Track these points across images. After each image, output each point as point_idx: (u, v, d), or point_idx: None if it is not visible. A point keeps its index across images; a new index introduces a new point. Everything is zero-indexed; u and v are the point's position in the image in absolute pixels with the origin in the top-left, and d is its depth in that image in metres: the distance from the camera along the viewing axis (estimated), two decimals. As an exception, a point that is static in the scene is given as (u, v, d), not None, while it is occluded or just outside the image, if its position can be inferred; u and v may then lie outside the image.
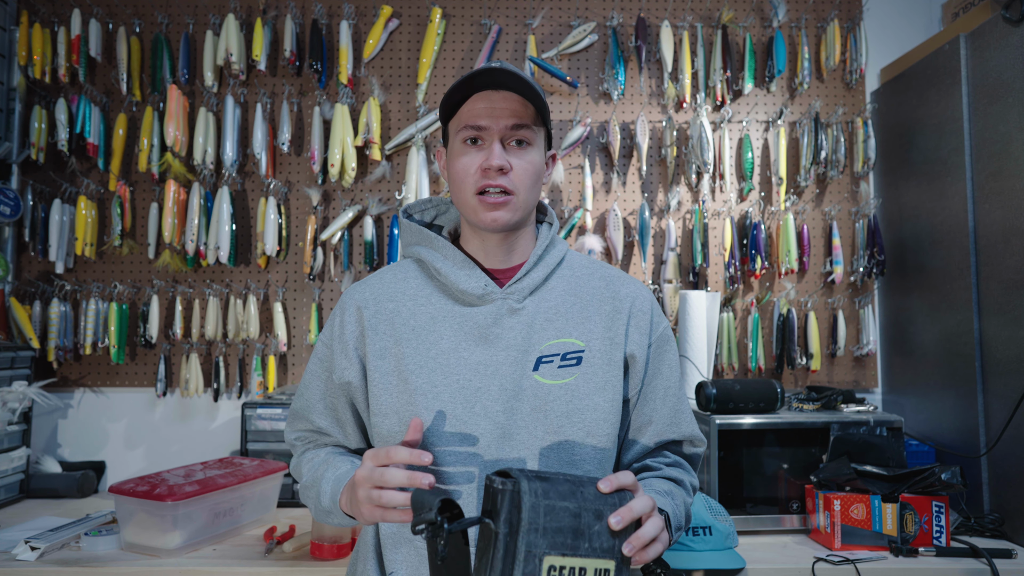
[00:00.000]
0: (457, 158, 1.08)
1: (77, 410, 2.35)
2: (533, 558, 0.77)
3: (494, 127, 1.04)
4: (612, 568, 0.81)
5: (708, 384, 1.87)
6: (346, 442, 1.16)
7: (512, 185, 1.05)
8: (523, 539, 0.77)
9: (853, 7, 2.44)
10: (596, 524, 0.80)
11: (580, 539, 0.79)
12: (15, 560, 1.56)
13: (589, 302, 1.12)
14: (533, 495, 0.78)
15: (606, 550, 0.80)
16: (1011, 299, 1.77)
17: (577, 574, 0.78)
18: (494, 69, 1.02)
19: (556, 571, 0.77)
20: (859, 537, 1.66)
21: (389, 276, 1.16)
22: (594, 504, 0.82)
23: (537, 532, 0.77)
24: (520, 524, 0.77)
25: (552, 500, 0.79)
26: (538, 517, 0.78)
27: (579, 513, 0.80)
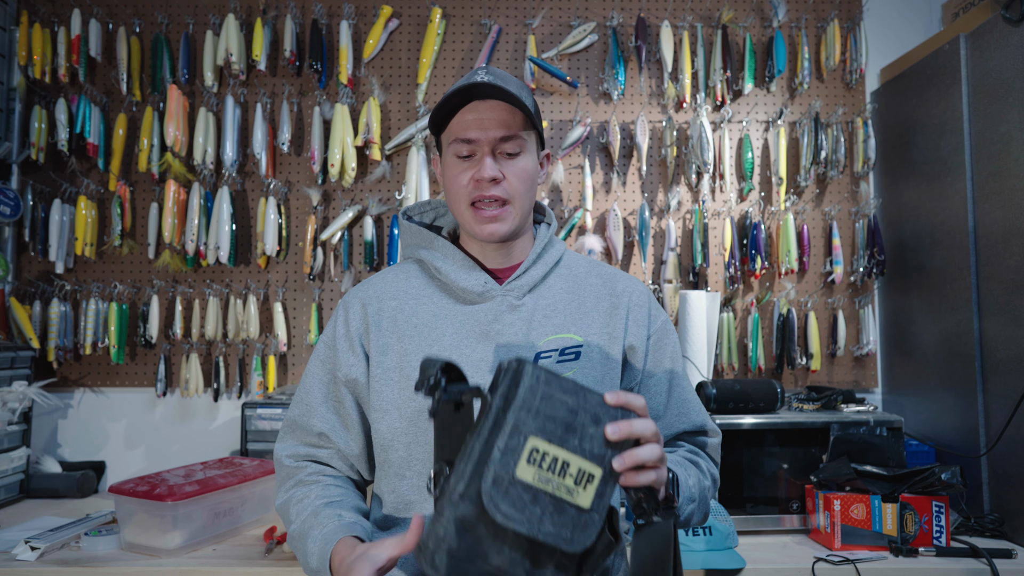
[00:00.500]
0: (450, 170, 1.09)
1: (77, 410, 2.35)
2: (518, 434, 0.77)
3: (484, 139, 1.05)
4: (598, 475, 0.79)
5: (708, 384, 1.87)
6: (347, 449, 1.12)
7: (507, 194, 1.06)
8: (513, 414, 0.78)
9: (853, 7, 2.44)
10: (591, 427, 0.80)
11: (571, 434, 0.79)
12: (15, 560, 1.56)
13: (586, 299, 1.13)
14: (534, 378, 0.80)
15: (595, 455, 0.79)
16: (1011, 299, 1.77)
17: (559, 466, 0.78)
18: (481, 84, 1.02)
19: (538, 454, 0.77)
20: (859, 537, 1.67)
21: (391, 276, 1.17)
22: (594, 409, 0.81)
23: (529, 412, 0.78)
24: (514, 400, 0.78)
25: (552, 390, 0.80)
26: (533, 399, 0.79)
27: (576, 411, 0.80)
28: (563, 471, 0.78)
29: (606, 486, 0.79)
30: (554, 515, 0.77)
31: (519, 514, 0.75)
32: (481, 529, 0.77)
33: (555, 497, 0.77)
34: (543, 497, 0.77)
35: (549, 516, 0.76)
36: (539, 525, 0.76)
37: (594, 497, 0.78)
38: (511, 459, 0.76)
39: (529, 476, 0.77)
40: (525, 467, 0.77)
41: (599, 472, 0.79)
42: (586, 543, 0.77)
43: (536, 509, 0.76)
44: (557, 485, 0.77)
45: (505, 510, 0.75)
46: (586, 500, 0.78)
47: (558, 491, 0.77)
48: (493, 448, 0.77)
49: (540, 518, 0.76)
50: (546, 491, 0.77)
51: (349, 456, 1.13)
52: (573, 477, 0.78)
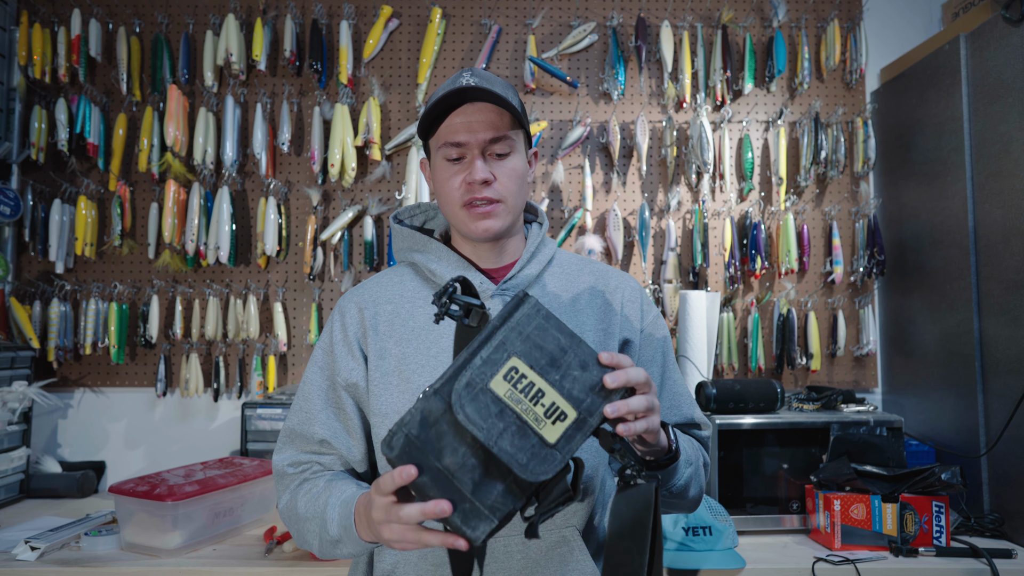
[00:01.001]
0: (440, 174, 1.09)
1: (77, 410, 2.35)
2: (503, 350, 0.80)
3: (473, 141, 1.05)
4: (571, 416, 0.79)
5: (708, 384, 1.87)
6: (350, 454, 1.11)
7: (498, 194, 1.07)
8: (503, 332, 0.81)
9: (853, 7, 2.44)
10: (576, 370, 0.81)
11: (554, 368, 0.80)
12: (15, 560, 1.56)
13: (580, 296, 1.14)
14: (533, 310, 0.83)
15: (573, 396, 0.80)
16: (1011, 299, 1.77)
17: (534, 392, 0.79)
18: (467, 88, 1.02)
19: (516, 374, 0.79)
20: (859, 537, 1.66)
21: (386, 280, 1.17)
22: (584, 357, 0.82)
23: (519, 335, 0.81)
24: (508, 320, 0.82)
25: (548, 325, 0.82)
26: (527, 325, 0.82)
27: (565, 350, 0.82)
28: (536, 398, 0.79)
29: (577, 431, 0.79)
30: (515, 436, 0.78)
31: (481, 420, 0.77)
32: (443, 426, 0.80)
33: (521, 419, 0.78)
34: (509, 414, 0.78)
35: (510, 435, 0.78)
36: (497, 438, 0.77)
37: (561, 436, 0.78)
38: (488, 369, 0.79)
39: (501, 390, 0.79)
40: (500, 381, 0.79)
41: (573, 414, 0.79)
42: (540, 476, 0.77)
43: (499, 423, 0.78)
44: (526, 409, 0.79)
45: (469, 412, 0.78)
46: (552, 435, 0.78)
47: (526, 415, 0.78)
48: (476, 356, 0.80)
49: (501, 432, 0.77)
50: (514, 410, 0.78)
51: (352, 461, 1.12)
52: (545, 408, 0.79)
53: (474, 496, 0.78)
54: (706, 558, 1.56)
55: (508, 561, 1.04)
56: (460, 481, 0.79)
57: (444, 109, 1.07)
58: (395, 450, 0.79)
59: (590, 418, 0.80)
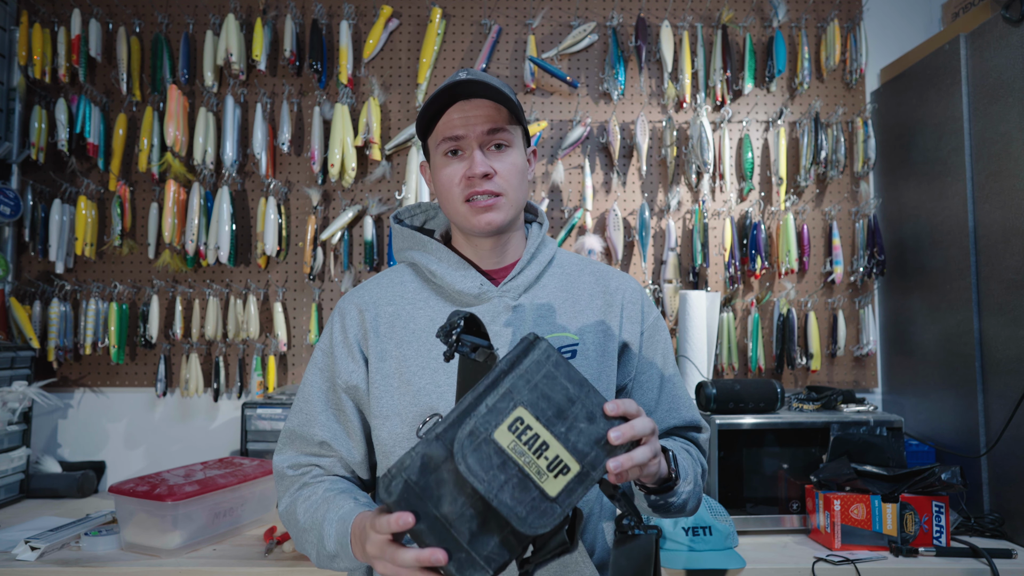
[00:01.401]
0: (440, 171, 1.09)
1: (77, 410, 2.35)
2: (509, 399, 0.79)
3: (471, 134, 1.05)
4: (574, 471, 0.78)
5: (708, 384, 1.87)
6: (349, 456, 1.11)
7: (499, 188, 1.06)
8: (511, 379, 0.80)
9: (853, 7, 2.44)
10: (583, 423, 0.80)
11: (560, 420, 0.79)
12: (15, 560, 1.56)
13: (580, 297, 1.14)
14: (544, 356, 0.81)
15: (578, 450, 0.78)
16: (1011, 299, 1.77)
17: (538, 444, 0.78)
18: (462, 81, 1.03)
19: (521, 424, 0.78)
20: (859, 537, 1.66)
21: (386, 281, 1.17)
22: (592, 408, 0.80)
23: (527, 383, 0.79)
24: (517, 367, 0.80)
25: (557, 372, 0.81)
26: (536, 373, 0.80)
27: (573, 401, 0.80)
28: (540, 451, 0.78)
29: (579, 484, 0.78)
30: (516, 489, 0.77)
31: (482, 472, 0.76)
32: (443, 474, 0.79)
33: (523, 472, 0.77)
34: (511, 467, 0.77)
35: (511, 488, 0.77)
36: (498, 491, 0.76)
37: (563, 489, 0.77)
38: (493, 419, 0.78)
39: (505, 442, 0.77)
40: (504, 432, 0.78)
41: (576, 467, 0.78)
42: (538, 530, 0.76)
43: (500, 475, 0.77)
44: (529, 461, 0.77)
45: (471, 463, 0.76)
46: (553, 489, 0.77)
47: (528, 467, 0.77)
48: (481, 404, 0.79)
49: (502, 485, 0.76)
50: (516, 462, 0.77)
51: (352, 463, 1.12)
52: (548, 461, 0.78)
53: (470, 547, 0.78)
54: (706, 558, 1.56)
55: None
56: (457, 531, 0.78)
57: (441, 106, 1.07)
58: (393, 495, 0.78)
59: (593, 472, 0.79)
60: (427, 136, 1.12)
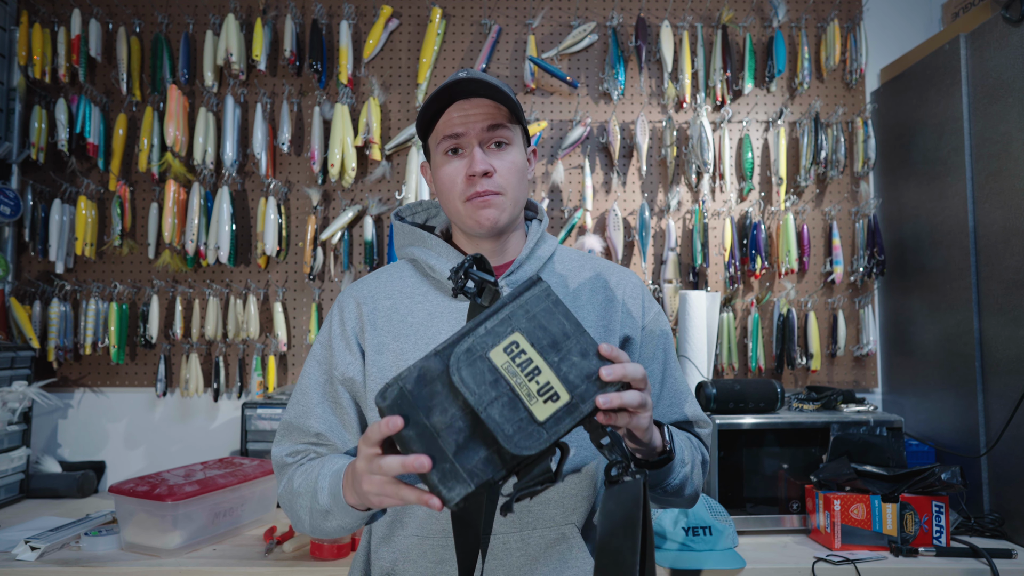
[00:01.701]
0: (441, 169, 1.09)
1: (77, 410, 2.35)
2: (507, 324, 0.82)
3: (471, 132, 1.06)
4: (563, 399, 0.80)
5: (708, 384, 1.87)
6: (345, 448, 1.12)
7: (499, 186, 1.07)
8: (511, 307, 0.83)
9: (853, 7, 2.44)
10: (576, 356, 0.82)
11: (554, 350, 0.82)
12: (15, 560, 1.56)
13: (581, 292, 1.14)
14: (543, 292, 0.85)
15: (569, 380, 0.80)
16: (1011, 299, 1.77)
17: (531, 368, 0.80)
18: (461, 80, 1.03)
19: (516, 348, 0.81)
20: (859, 537, 1.66)
21: (385, 276, 1.18)
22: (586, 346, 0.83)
23: (525, 313, 0.83)
24: (518, 299, 0.84)
25: (556, 310, 0.84)
26: (535, 307, 0.84)
27: (568, 336, 0.83)
28: (532, 375, 0.80)
29: (567, 414, 0.80)
30: (506, 407, 0.79)
31: (475, 385, 0.79)
32: (438, 385, 0.81)
33: (514, 391, 0.80)
34: (503, 385, 0.80)
35: (501, 404, 0.79)
36: (488, 405, 0.79)
37: (551, 416, 0.79)
38: (490, 339, 0.81)
39: (499, 361, 0.80)
40: (500, 352, 0.81)
41: (566, 397, 0.80)
42: (523, 451, 0.78)
43: (492, 391, 0.79)
44: (521, 383, 0.80)
45: (464, 375, 0.79)
46: (542, 413, 0.79)
47: (519, 388, 0.80)
48: (481, 326, 0.82)
49: (492, 400, 0.79)
50: (508, 381, 0.80)
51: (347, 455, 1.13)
52: (539, 386, 0.80)
53: (455, 458, 0.79)
54: (706, 558, 1.56)
55: (507, 558, 1.04)
56: (444, 441, 0.80)
57: (441, 106, 1.07)
58: (387, 400, 0.81)
59: (582, 404, 0.80)
60: (427, 136, 1.13)
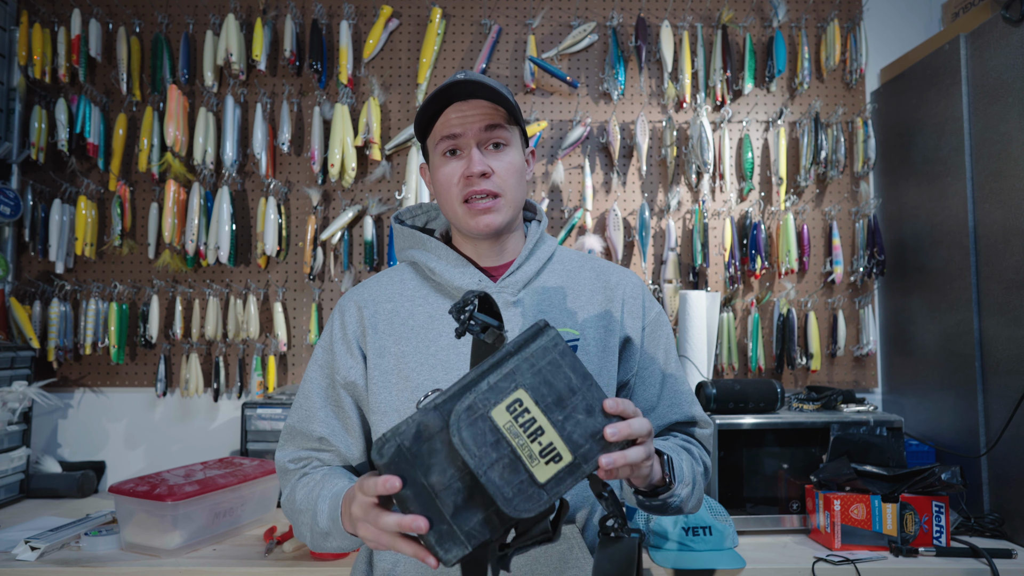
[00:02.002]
0: (439, 170, 1.09)
1: (77, 410, 2.35)
2: (511, 379, 0.79)
3: (469, 132, 1.06)
4: (566, 460, 0.77)
5: (708, 384, 1.87)
6: (348, 452, 1.12)
7: (497, 187, 1.07)
8: (516, 360, 0.80)
9: (853, 7, 2.44)
10: (581, 414, 0.79)
11: (559, 408, 0.79)
12: (15, 560, 1.56)
13: (581, 292, 1.14)
14: (551, 343, 0.81)
15: (573, 440, 0.78)
16: (1011, 299, 1.77)
17: (534, 428, 0.78)
18: (459, 81, 1.03)
19: (519, 406, 0.78)
20: (859, 537, 1.66)
21: (386, 279, 1.18)
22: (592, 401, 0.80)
23: (531, 367, 0.80)
24: (523, 350, 0.80)
25: (563, 363, 0.80)
26: (540, 360, 0.80)
27: (575, 391, 0.80)
28: (535, 435, 0.78)
29: (569, 475, 0.78)
30: (506, 469, 0.77)
31: (475, 447, 0.77)
32: (437, 443, 0.79)
33: (515, 454, 0.77)
34: (504, 446, 0.77)
35: (501, 467, 0.77)
36: (488, 468, 0.76)
37: (552, 477, 0.77)
38: (493, 397, 0.78)
39: (502, 421, 0.78)
40: (502, 411, 0.78)
41: (568, 457, 0.78)
42: (523, 514, 0.76)
43: (493, 453, 0.77)
44: (523, 444, 0.77)
45: (464, 436, 0.77)
46: (543, 475, 0.77)
47: (521, 450, 0.77)
48: (483, 380, 0.79)
49: (492, 463, 0.76)
50: (510, 443, 0.77)
51: (350, 459, 1.13)
52: (542, 447, 0.78)
53: (453, 520, 0.78)
54: (706, 558, 1.56)
55: None
56: (442, 502, 0.78)
57: (439, 107, 1.07)
58: (385, 457, 0.79)
59: (584, 464, 0.78)
60: (425, 137, 1.13)
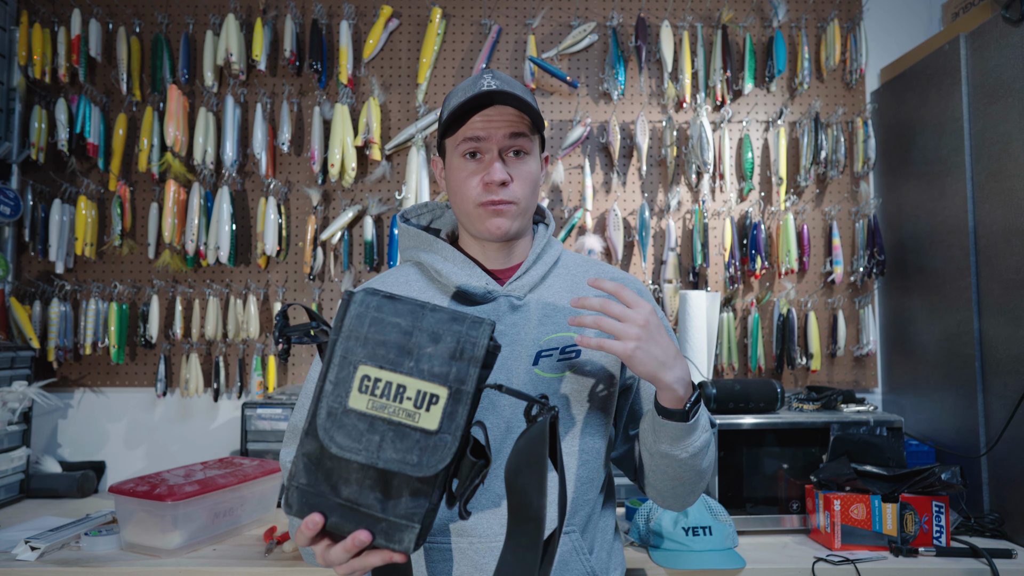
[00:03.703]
0: (457, 172, 1.09)
1: (77, 410, 2.35)
2: (348, 364, 0.77)
3: (493, 137, 1.06)
4: (443, 395, 0.76)
5: (708, 384, 1.87)
6: None
7: (514, 196, 1.08)
8: (341, 344, 0.78)
9: (853, 7, 2.44)
10: (429, 347, 0.77)
11: (405, 356, 0.77)
12: (15, 560, 1.56)
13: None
14: (363, 306, 0.79)
15: (436, 375, 0.76)
16: (1011, 299, 1.77)
17: (394, 391, 0.76)
18: (493, 91, 1.03)
19: (369, 382, 0.76)
20: (859, 537, 1.66)
21: (391, 280, 1.18)
22: (433, 327, 0.78)
23: (356, 340, 0.78)
24: (342, 330, 0.78)
25: (383, 314, 0.79)
26: (361, 327, 0.78)
27: (410, 332, 0.78)
28: (399, 395, 0.76)
29: (457, 405, 0.76)
30: (395, 441, 0.75)
31: (355, 444, 0.75)
32: (327, 463, 0.77)
33: (393, 423, 0.75)
34: (380, 424, 0.75)
35: (390, 442, 0.75)
36: (378, 453, 0.75)
37: (442, 418, 0.76)
38: (342, 390, 0.76)
39: (362, 405, 0.76)
40: (357, 396, 0.76)
41: (444, 392, 0.76)
42: (438, 466, 0.75)
43: (374, 437, 0.75)
44: (394, 410, 0.76)
45: (340, 441, 0.75)
46: (431, 422, 0.76)
47: (396, 416, 0.75)
48: (326, 382, 0.77)
49: (379, 445, 0.75)
50: (382, 417, 0.75)
51: None
52: (412, 400, 0.76)
53: (385, 513, 0.76)
54: (706, 558, 1.56)
55: None
56: (366, 506, 0.77)
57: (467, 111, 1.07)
58: (294, 507, 0.78)
59: (463, 386, 0.77)
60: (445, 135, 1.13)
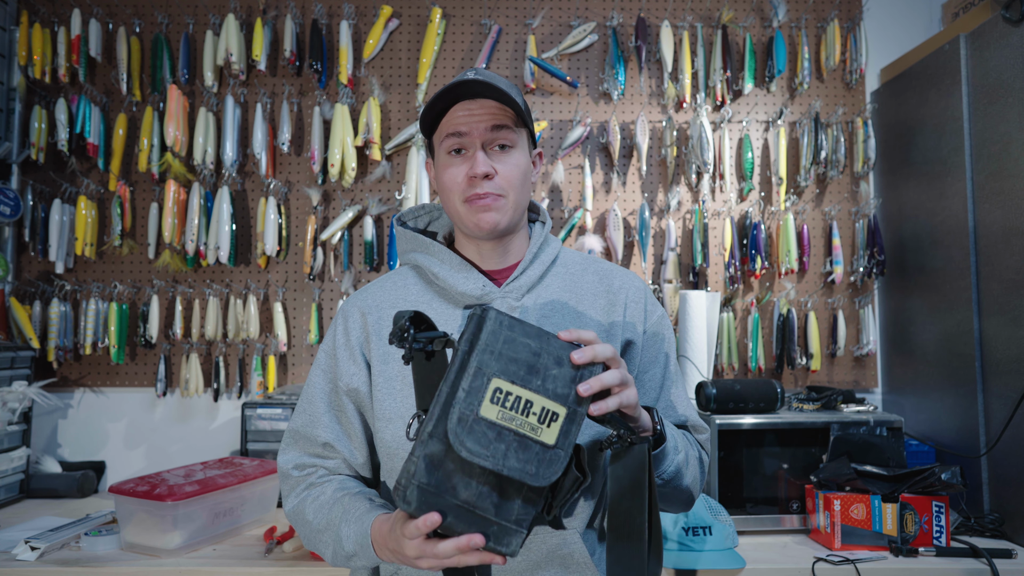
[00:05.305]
0: (443, 169, 1.09)
1: (77, 410, 2.35)
2: (482, 375, 0.82)
3: (475, 131, 1.05)
4: (562, 414, 0.83)
5: (708, 384, 1.87)
6: (352, 458, 1.12)
7: (500, 189, 1.06)
8: (476, 356, 0.83)
9: (853, 7, 2.44)
10: (554, 369, 0.84)
11: (533, 375, 0.83)
12: (15, 560, 1.56)
13: (584, 296, 1.14)
14: (497, 323, 0.84)
15: (558, 395, 0.83)
16: (1011, 299, 1.77)
17: (523, 405, 0.82)
18: (469, 80, 1.03)
19: (501, 394, 0.82)
20: (859, 537, 1.66)
21: (389, 284, 1.17)
22: (557, 351, 0.85)
23: (491, 355, 0.83)
24: (477, 343, 0.83)
25: (515, 334, 0.84)
26: (496, 342, 0.83)
27: (539, 353, 0.84)
28: (526, 410, 0.82)
29: (571, 424, 0.83)
30: (518, 451, 0.81)
31: (484, 450, 0.80)
32: (449, 465, 0.82)
33: (519, 434, 0.82)
34: (507, 434, 0.81)
35: (514, 452, 0.81)
36: (503, 460, 0.80)
37: (559, 434, 0.82)
38: (475, 399, 0.81)
39: (493, 415, 0.81)
40: (489, 406, 0.81)
41: (563, 411, 0.83)
42: (551, 478, 0.82)
43: (501, 445, 0.81)
44: (521, 423, 0.82)
45: (470, 446, 0.80)
46: (550, 437, 0.82)
47: (522, 428, 0.82)
48: (458, 389, 0.82)
49: (505, 453, 0.81)
50: (510, 428, 0.81)
51: (355, 465, 1.13)
52: (537, 416, 0.82)
53: (498, 517, 0.82)
54: (706, 558, 1.56)
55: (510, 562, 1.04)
56: (482, 509, 0.82)
57: (446, 104, 1.07)
58: (412, 504, 0.82)
59: (579, 408, 0.84)
60: (431, 133, 1.12)
